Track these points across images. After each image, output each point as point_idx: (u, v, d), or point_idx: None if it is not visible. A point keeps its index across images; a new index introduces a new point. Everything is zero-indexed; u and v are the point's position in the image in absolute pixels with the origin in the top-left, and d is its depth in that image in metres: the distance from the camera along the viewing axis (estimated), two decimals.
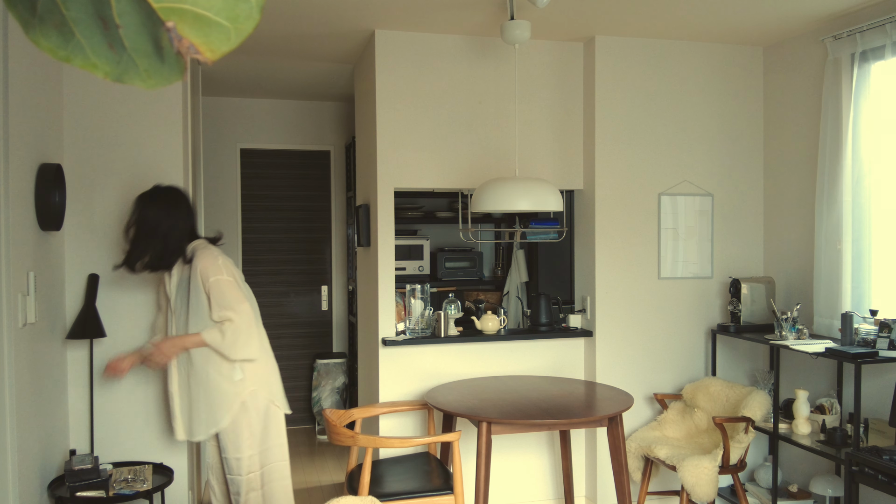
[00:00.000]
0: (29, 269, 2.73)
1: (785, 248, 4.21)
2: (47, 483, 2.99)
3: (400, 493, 3.18)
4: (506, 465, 4.08)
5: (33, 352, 2.79)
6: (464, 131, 4.07)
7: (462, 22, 3.81)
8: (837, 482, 3.63)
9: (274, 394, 3.13)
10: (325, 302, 6.14)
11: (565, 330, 4.20)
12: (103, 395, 3.37)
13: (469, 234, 4.31)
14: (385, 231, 3.98)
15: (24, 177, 2.71)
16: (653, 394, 4.17)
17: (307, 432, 5.92)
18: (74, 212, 3.29)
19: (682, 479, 3.50)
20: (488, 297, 5.27)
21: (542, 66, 4.17)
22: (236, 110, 5.89)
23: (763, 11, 3.70)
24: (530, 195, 3.41)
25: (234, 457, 3.04)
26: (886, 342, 3.32)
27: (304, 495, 4.53)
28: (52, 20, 0.56)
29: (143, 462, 3.32)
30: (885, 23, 3.41)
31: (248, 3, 0.56)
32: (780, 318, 3.77)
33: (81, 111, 3.33)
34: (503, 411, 3.27)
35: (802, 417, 3.62)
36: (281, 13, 3.58)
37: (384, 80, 3.96)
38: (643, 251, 4.18)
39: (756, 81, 4.35)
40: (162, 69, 0.58)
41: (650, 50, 4.17)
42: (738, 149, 4.33)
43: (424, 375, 3.98)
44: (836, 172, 3.69)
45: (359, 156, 4.69)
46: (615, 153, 4.13)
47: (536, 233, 4.65)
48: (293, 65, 4.77)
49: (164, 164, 3.45)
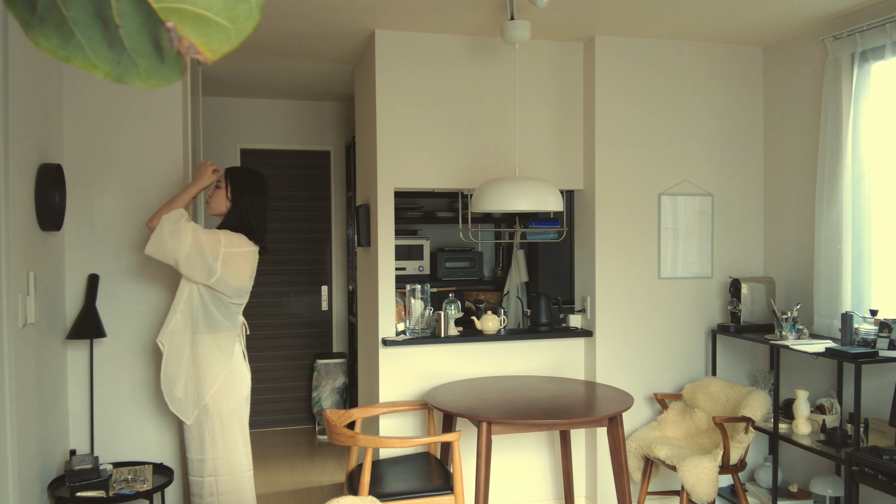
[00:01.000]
0: (29, 269, 2.73)
1: (785, 248, 4.21)
2: (47, 483, 2.99)
3: (400, 493, 3.18)
4: (506, 465, 4.08)
5: (33, 352, 2.79)
6: (464, 131, 4.07)
7: (462, 22, 3.81)
8: (837, 482, 3.63)
9: (238, 401, 3.12)
10: (325, 302, 6.14)
11: (565, 330, 4.20)
12: (103, 395, 3.37)
13: (469, 234, 4.31)
14: (385, 231, 3.98)
15: (24, 177, 2.71)
16: (653, 394, 4.17)
17: (307, 432, 5.92)
18: (74, 212, 3.29)
19: (682, 479, 3.50)
20: (488, 297, 5.27)
21: (542, 66, 4.17)
22: (236, 110, 5.89)
23: (763, 11, 3.70)
24: (530, 195, 3.41)
25: (197, 458, 3.06)
26: (886, 342, 3.32)
27: (304, 495, 4.53)
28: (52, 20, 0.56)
29: (143, 462, 3.32)
30: (885, 23, 3.41)
31: (248, 3, 0.56)
32: (780, 318, 3.77)
33: (81, 111, 3.33)
34: (503, 411, 3.27)
35: (802, 417, 3.62)
36: (281, 13, 3.58)
37: (384, 80, 3.96)
38: (643, 251, 4.18)
39: (756, 81, 4.36)
40: (162, 69, 0.58)
41: (650, 50, 4.17)
42: (738, 149, 4.33)
43: (424, 375, 3.98)
44: (836, 172, 3.69)
45: (359, 156, 4.69)
46: (615, 153, 4.13)
47: (536, 233, 4.65)
48: (293, 65, 4.77)
49: (164, 164, 3.45)
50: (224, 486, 3.06)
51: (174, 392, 3.07)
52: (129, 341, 3.40)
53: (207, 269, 2.99)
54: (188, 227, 2.97)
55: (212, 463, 3.04)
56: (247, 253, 3.09)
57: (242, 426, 3.14)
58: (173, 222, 2.96)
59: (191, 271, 2.98)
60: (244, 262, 3.08)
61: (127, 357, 3.41)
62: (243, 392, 3.14)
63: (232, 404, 3.09)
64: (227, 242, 3.03)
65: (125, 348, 3.40)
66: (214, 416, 3.05)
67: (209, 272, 3.00)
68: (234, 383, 3.11)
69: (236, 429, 3.11)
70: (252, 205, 3.15)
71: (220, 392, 3.06)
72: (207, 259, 2.98)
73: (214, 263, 2.99)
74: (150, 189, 3.43)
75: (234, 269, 3.05)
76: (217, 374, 3.05)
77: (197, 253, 2.96)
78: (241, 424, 3.13)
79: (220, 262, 2.99)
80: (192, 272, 2.99)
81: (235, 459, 3.08)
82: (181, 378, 3.06)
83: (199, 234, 2.98)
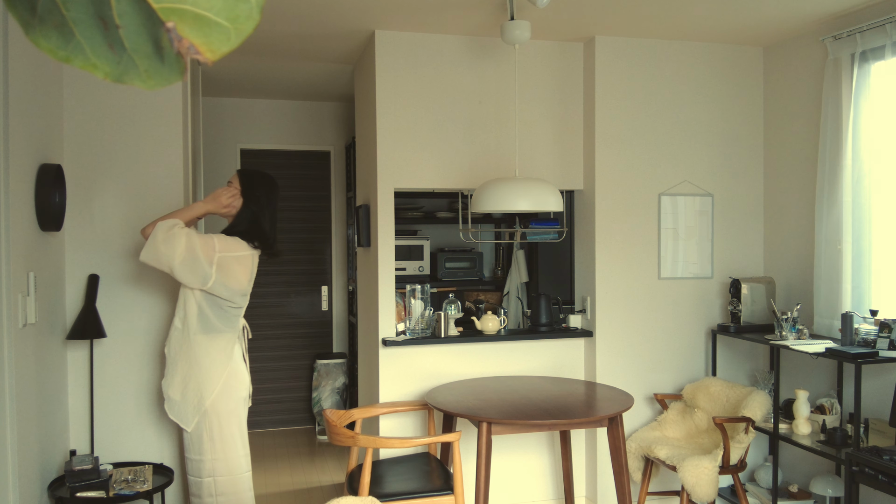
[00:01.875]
0: (29, 270, 2.73)
1: (785, 248, 4.21)
2: (47, 483, 2.99)
3: (400, 494, 3.18)
4: (506, 465, 4.08)
5: (33, 352, 2.79)
6: (464, 131, 4.07)
7: (462, 22, 3.81)
8: (837, 482, 3.63)
9: (237, 402, 3.12)
10: (325, 302, 6.14)
11: (565, 330, 4.20)
12: (103, 395, 3.37)
13: (469, 234, 4.31)
14: (385, 231, 3.98)
15: (24, 177, 2.71)
16: (653, 394, 4.17)
17: (307, 432, 5.92)
18: (74, 212, 3.29)
19: (682, 480, 3.50)
20: (488, 298, 5.27)
21: (542, 66, 4.17)
22: (236, 110, 5.89)
23: (763, 11, 3.70)
24: (530, 195, 3.41)
25: (195, 458, 3.06)
26: (886, 342, 3.32)
27: (305, 495, 4.53)
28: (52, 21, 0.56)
29: (143, 462, 3.32)
30: (885, 23, 3.41)
31: (248, 4, 0.56)
32: (781, 319, 3.77)
33: (81, 111, 3.33)
34: (503, 411, 3.27)
35: (803, 417, 3.62)
36: (281, 13, 3.58)
37: (384, 80, 3.96)
38: (643, 251, 4.18)
39: (756, 81, 4.35)
40: (162, 69, 0.58)
41: (650, 50, 4.17)
42: (738, 149, 4.33)
43: (424, 375, 3.98)
44: (836, 172, 3.69)
45: (359, 156, 4.69)
46: (615, 153, 4.13)
47: (536, 233, 4.65)
48: (293, 65, 4.77)
49: (164, 164, 3.45)
50: (223, 487, 3.06)
51: (173, 396, 3.07)
52: (129, 341, 3.40)
53: (202, 275, 2.99)
54: (182, 233, 2.97)
55: (210, 463, 3.04)
56: (243, 257, 3.08)
57: (241, 427, 3.15)
58: (167, 229, 2.96)
59: (185, 277, 2.98)
60: (240, 266, 3.07)
61: (127, 357, 3.41)
62: (242, 393, 3.15)
63: (230, 405, 3.09)
64: (222, 247, 3.02)
65: (125, 348, 3.40)
66: (213, 417, 3.05)
67: (204, 278, 2.99)
68: (233, 384, 3.11)
69: (234, 430, 3.11)
70: (264, 207, 3.16)
71: (220, 394, 3.06)
72: (202, 264, 2.97)
73: (209, 269, 2.98)
74: (149, 189, 3.43)
75: (230, 274, 3.04)
76: (216, 378, 3.06)
77: (191, 259, 2.96)
78: (239, 425, 3.13)
79: (214, 267, 2.99)
80: (186, 278, 2.99)
81: (234, 460, 3.08)
82: (179, 382, 3.06)
83: (192, 240, 2.97)
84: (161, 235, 2.94)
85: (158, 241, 2.94)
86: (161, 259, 2.96)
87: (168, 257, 2.94)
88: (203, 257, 2.97)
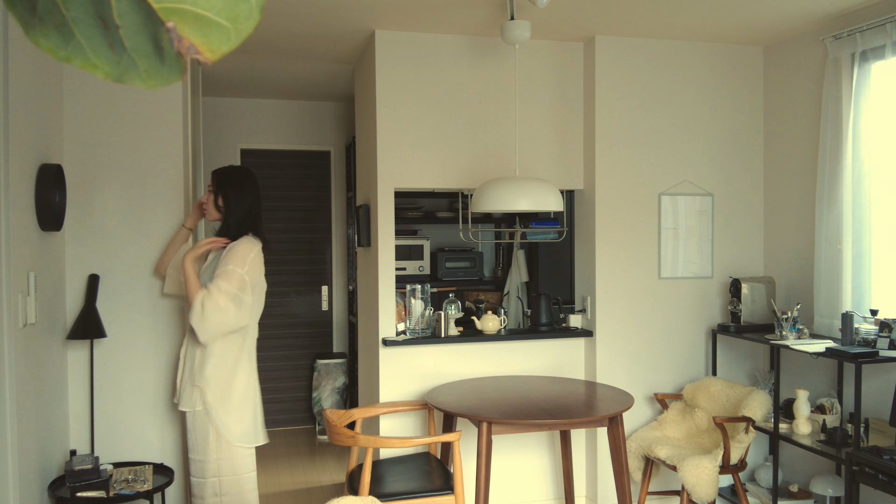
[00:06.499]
0: (29, 270, 2.73)
1: (785, 248, 4.21)
2: (48, 483, 2.99)
3: (400, 494, 3.18)
4: (506, 465, 4.08)
5: (33, 352, 2.79)
6: (464, 131, 4.07)
7: (462, 22, 3.81)
8: (838, 482, 3.63)
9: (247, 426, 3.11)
10: (325, 302, 6.14)
11: (565, 330, 4.20)
12: (103, 395, 3.37)
13: (469, 234, 4.31)
14: (385, 231, 3.98)
15: (24, 177, 2.71)
16: (653, 394, 4.17)
17: (307, 432, 5.92)
18: (74, 212, 3.29)
19: (682, 479, 3.50)
20: (488, 297, 5.27)
21: (542, 66, 4.17)
22: (236, 110, 5.89)
23: (763, 11, 3.70)
24: (530, 195, 3.41)
25: (198, 458, 3.05)
26: (887, 342, 3.32)
27: (305, 495, 4.53)
28: (53, 20, 0.56)
29: (143, 462, 3.32)
30: (885, 23, 3.41)
31: (248, 3, 0.56)
32: (781, 318, 3.77)
33: (81, 111, 3.33)
34: (503, 411, 3.27)
35: (803, 417, 3.62)
36: (281, 13, 3.58)
37: (384, 80, 3.96)
38: (643, 251, 4.18)
39: (756, 81, 4.35)
40: (162, 69, 0.58)
41: (650, 50, 4.17)
42: (738, 149, 4.33)
43: (425, 375, 3.98)
44: (836, 172, 3.69)
45: (359, 156, 4.69)
46: (615, 153, 4.13)
47: (536, 233, 4.65)
48: (293, 65, 4.77)
49: (164, 164, 3.45)
50: (227, 487, 3.06)
51: (177, 380, 3.10)
52: (129, 341, 3.40)
53: (248, 309, 3.00)
54: (219, 291, 2.92)
55: (215, 463, 3.03)
56: (254, 258, 3.06)
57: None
58: (202, 300, 2.91)
59: (245, 321, 3.00)
60: (256, 267, 3.06)
61: (127, 357, 3.40)
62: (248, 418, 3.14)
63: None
64: (243, 268, 3.00)
65: (125, 348, 3.40)
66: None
67: (251, 310, 3.02)
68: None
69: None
70: (243, 203, 3.13)
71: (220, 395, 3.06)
72: (245, 302, 2.98)
73: (249, 298, 3.00)
74: (150, 189, 3.43)
75: (257, 283, 3.06)
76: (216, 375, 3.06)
77: (238, 306, 2.95)
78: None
79: (248, 292, 3.00)
80: (245, 321, 3.00)
81: (238, 460, 3.08)
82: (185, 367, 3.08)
83: (230, 289, 2.93)
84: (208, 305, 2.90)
85: (208, 315, 2.90)
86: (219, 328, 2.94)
87: (225, 324, 2.94)
88: (240, 293, 2.97)
